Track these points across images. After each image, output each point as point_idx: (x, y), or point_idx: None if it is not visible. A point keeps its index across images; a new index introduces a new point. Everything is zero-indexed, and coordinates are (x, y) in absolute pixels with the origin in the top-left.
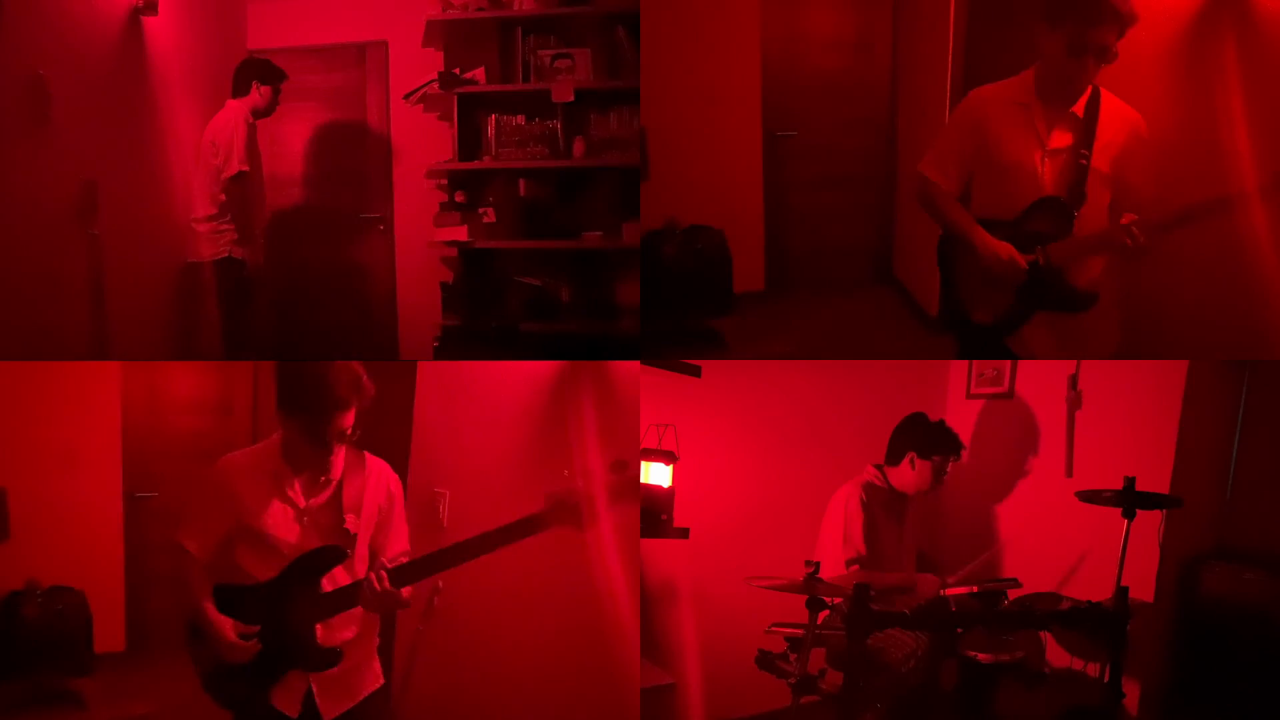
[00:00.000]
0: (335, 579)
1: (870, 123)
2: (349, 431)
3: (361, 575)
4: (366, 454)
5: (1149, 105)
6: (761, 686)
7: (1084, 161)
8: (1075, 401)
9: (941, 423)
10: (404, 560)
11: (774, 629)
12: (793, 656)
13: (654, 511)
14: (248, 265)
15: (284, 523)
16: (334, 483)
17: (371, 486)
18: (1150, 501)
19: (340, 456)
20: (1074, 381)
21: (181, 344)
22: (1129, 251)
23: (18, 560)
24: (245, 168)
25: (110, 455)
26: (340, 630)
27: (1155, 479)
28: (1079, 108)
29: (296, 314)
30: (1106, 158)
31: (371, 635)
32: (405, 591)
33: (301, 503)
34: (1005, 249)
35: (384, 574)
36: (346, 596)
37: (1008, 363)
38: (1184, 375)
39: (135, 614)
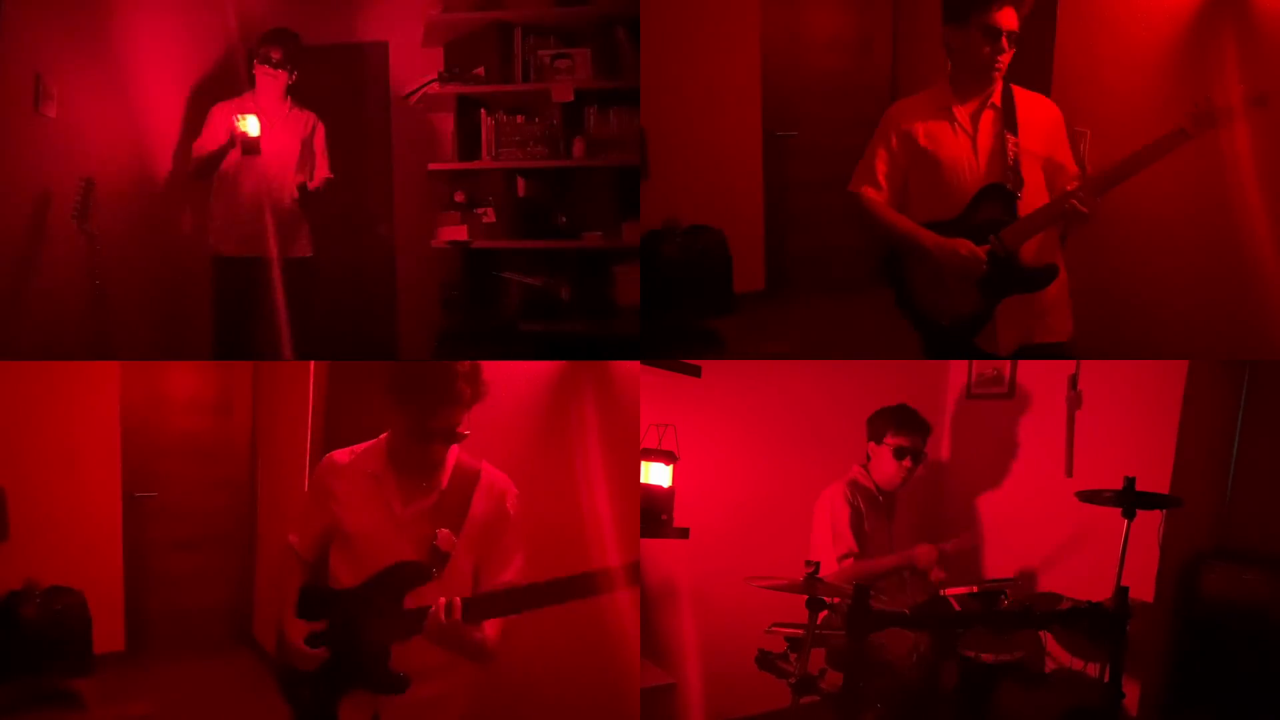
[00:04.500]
0: (423, 599)
1: (870, 123)
2: (457, 430)
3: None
4: (485, 464)
5: (1148, 104)
6: (761, 686)
7: (1013, 146)
8: (1075, 401)
9: (901, 405)
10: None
11: (774, 629)
12: (793, 656)
13: (654, 511)
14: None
15: (375, 528)
16: (437, 492)
17: (479, 501)
18: (1150, 501)
19: (450, 464)
20: (1074, 381)
21: (196, 342)
22: (1079, 216)
23: (17, 560)
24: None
25: (110, 455)
26: (422, 655)
27: (1155, 479)
28: (996, 97)
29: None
30: (1033, 138)
31: (463, 668)
32: (489, 630)
33: (398, 509)
34: (963, 244)
35: (456, 602)
36: (414, 620)
37: (1007, 363)
38: (1184, 375)
39: (135, 614)
